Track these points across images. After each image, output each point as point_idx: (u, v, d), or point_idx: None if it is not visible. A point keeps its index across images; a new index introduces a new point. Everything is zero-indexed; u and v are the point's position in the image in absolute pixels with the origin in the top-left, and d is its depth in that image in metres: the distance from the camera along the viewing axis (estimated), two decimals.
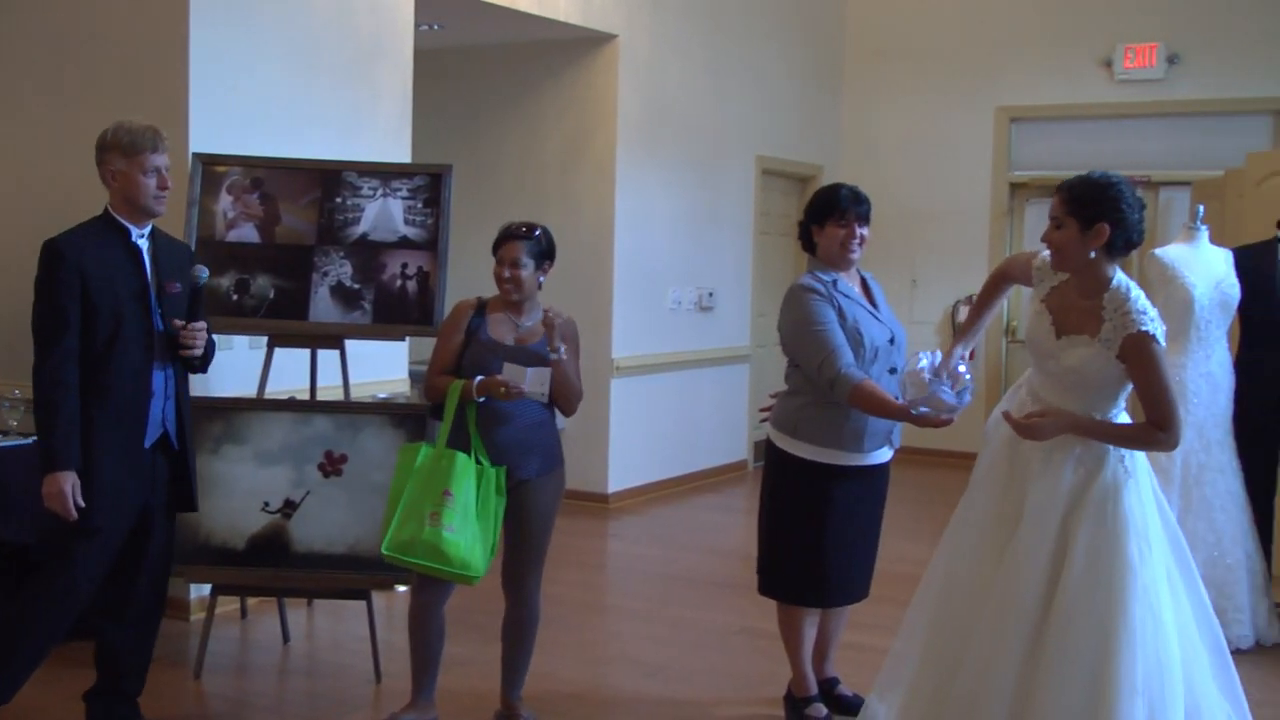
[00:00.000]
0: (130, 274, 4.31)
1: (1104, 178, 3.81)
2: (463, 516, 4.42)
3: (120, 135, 4.28)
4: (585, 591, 6.90)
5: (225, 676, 5.39)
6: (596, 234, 8.91)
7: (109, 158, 4.29)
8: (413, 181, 5.73)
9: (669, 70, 9.39)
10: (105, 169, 4.31)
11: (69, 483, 4.14)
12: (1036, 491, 3.86)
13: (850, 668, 5.24)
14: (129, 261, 4.33)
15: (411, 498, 4.46)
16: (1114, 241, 3.76)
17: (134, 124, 4.32)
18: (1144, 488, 3.86)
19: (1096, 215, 3.75)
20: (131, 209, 4.32)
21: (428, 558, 4.40)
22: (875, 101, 11.78)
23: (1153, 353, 3.72)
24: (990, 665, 3.81)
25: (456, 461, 4.46)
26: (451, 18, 8.30)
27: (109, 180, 4.31)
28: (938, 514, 9.20)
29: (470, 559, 4.42)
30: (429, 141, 8.33)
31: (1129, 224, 3.76)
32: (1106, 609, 3.69)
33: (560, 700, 5.16)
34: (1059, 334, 3.86)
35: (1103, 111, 10.76)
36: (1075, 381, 3.83)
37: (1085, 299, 3.84)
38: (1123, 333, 3.73)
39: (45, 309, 4.22)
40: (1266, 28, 10.27)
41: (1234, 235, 7.31)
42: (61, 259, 4.20)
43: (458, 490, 4.43)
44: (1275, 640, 6.00)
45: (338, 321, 5.61)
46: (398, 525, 4.44)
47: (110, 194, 4.34)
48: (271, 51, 6.28)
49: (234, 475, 5.35)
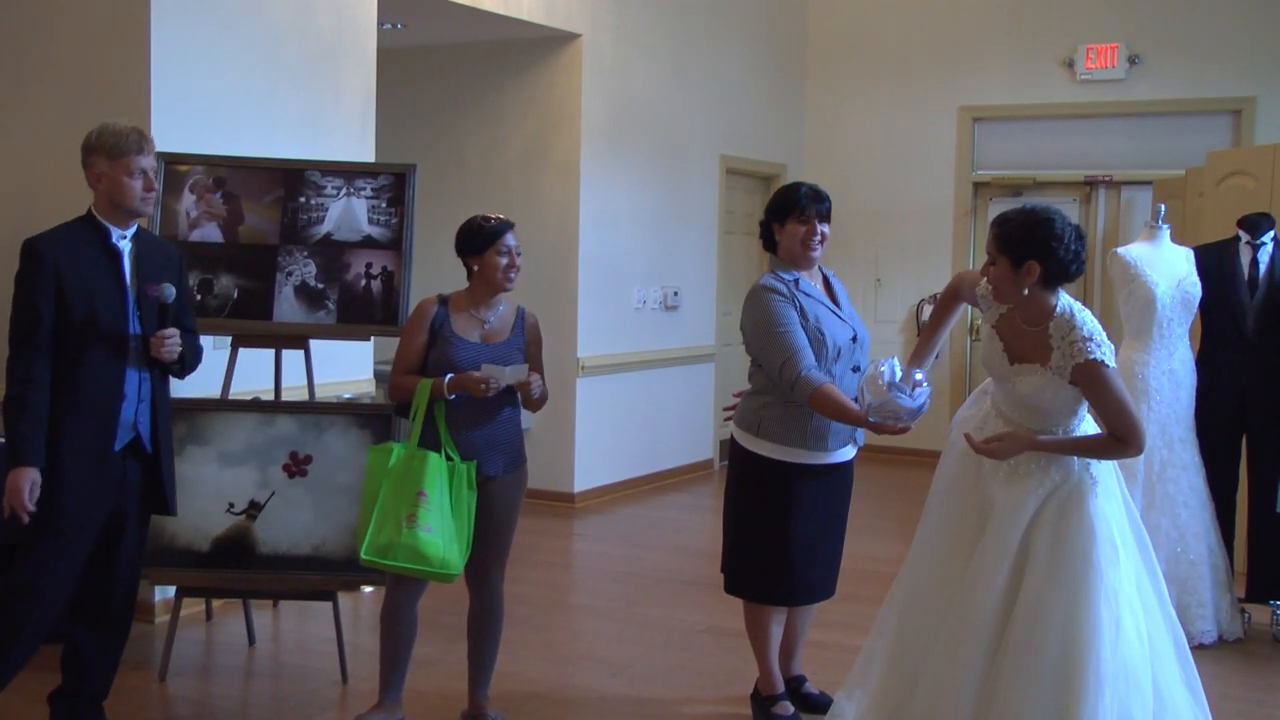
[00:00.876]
0: (107, 275, 4.29)
1: (1034, 214, 3.81)
2: (439, 516, 4.43)
3: (105, 138, 4.26)
4: (551, 591, 6.90)
5: (190, 679, 5.36)
6: (561, 233, 8.91)
7: (93, 160, 4.27)
8: (376, 181, 5.72)
9: (633, 70, 9.40)
10: (90, 171, 4.28)
11: (28, 480, 4.10)
12: (1002, 497, 3.89)
13: (816, 666, 5.27)
14: (107, 263, 4.30)
15: (386, 501, 4.46)
16: (1046, 276, 3.79)
17: (118, 126, 4.30)
18: (1111, 490, 3.89)
19: (1025, 254, 3.77)
20: (116, 211, 4.30)
21: (408, 560, 4.41)
22: (839, 101, 11.82)
23: (1105, 378, 3.75)
24: (950, 674, 3.83)
25: (429, 461, 4.46)
26: (414, 17, 8.28)
27: (94, 182, 4.29)
28: (900, 512, 9.27)
29: (449, 557, 4.44)
30: (392, 141, 8.31)
31: (1060, 260, 3.77)
32: (1071, 612, 3.71)
33: (527, 699, 5.15)
34: (1011, 360, 3.90)
35: (1064, 111, 10.83)
36: (1032, 405, 3.87)
37: (1032, 326, 3.88)
38: (1071, 362, 3.76)
39: (20, 307, 4.20)
40: (1226, 28, 10.36)
41: (1195, 234, 7.38)
42: (38, 258, 4.18)
43: (432, 490, 4.43)
44: (1238, 635, 6.06)
45: (302, 321, 5.59)
46: (375, 530, 4.44)
47: (95, 195, 4.32)
48: (233, 50, 6.25)
49: (198, 476, 5.32)
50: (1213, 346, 6.27)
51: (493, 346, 4.60)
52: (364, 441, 5.33)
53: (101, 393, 4.25)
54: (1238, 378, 6.14)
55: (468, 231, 4.61)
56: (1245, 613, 6.21)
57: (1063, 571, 3.74)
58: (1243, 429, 6.25)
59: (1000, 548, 3.83)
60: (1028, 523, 3.82)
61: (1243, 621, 6.16)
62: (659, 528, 8.58)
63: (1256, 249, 6.18)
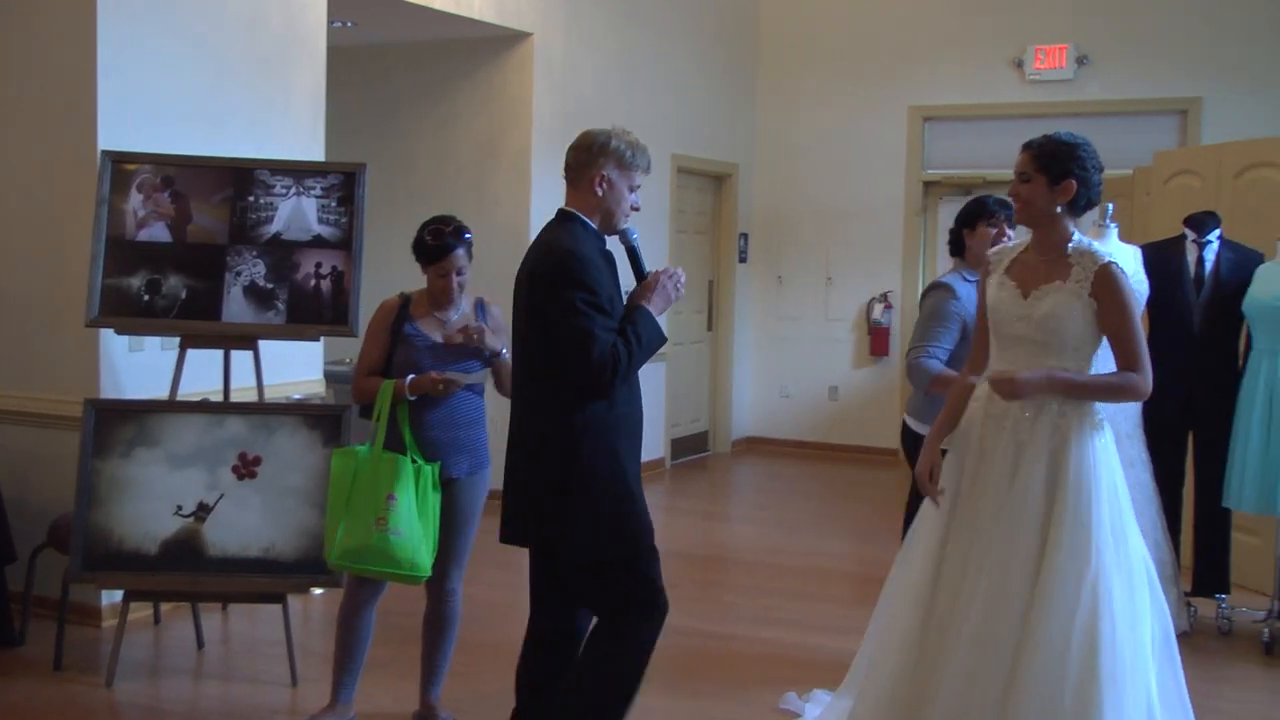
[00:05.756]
0: None
1: (1071, 138, 3.96)
2: (407, 519, 4.44)
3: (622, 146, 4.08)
4: (505, 591, 6.87)
5: (138, 684, 5.30)
6: (512, 233, 8.87)
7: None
8: (326, 180, 5.68)
9: (584, 69, 9.39)
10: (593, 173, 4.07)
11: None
12: (1012, 500, 3.90)
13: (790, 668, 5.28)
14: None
15: (355, 504, 4.45)
16: (1078, 198, 3.92)
17: (635, 138, 4.16)
18: (1115, 470, 3.96)
19: (1064, 172, 3.90)
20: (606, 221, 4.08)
21: (378, 563, 4.42)
22: (790, 101, 11.85)
23: (1123, 283, 3.87)
24: (980, 666, 3.83)
25: (397, 464, 4.46)
26: (364, 15, 8.23)
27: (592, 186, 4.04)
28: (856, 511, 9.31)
29: (418, 559, 4.45)
30: (342, 139, 8.25)
31: (1092, 183, 3.93)
32: (1089, 594, 3.78)
33: (478, 700, 5.13)
34: (1026, 294, 3.95)
35: (1014, 111, 10.90)
36: (1051, 330, 3.89)
37: (1048, 255, 3.96)
38: (1093, 268, 3.87)
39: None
40: (1173, 30, 10.47)
41: (1142, 232, 7.44)
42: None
43: (401, 493, 4.43)
44: (1184, 629, 6.11)
45: (251, 322, 5.55)
46: (344, 533, 4.43)
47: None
48: (181, 48, 6.18)
49: (146, 479, 5.27)
50: (1159, 344, 6.28)
51: (456, 344, 4.58)
52: (314, 442, 5.30)
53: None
54: (1184, 374, 6.19)
55: (416, 240, 4.59)
56: (1192, 606, 6.29)
57: (1078, 552, 3.80)
58: (1189, 425, 6.32)
59: (1020, 531, 3.86)
60: (1041, 513, 3.87)
61: (1189, 615, 6.23)
62: None
63: (1202, 247, 6.24)
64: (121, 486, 5.26)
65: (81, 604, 5.83)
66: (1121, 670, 3.74)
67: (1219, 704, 5.29)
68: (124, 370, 5.93)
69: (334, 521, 4.47)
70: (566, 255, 3.85)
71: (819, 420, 11.85)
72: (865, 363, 11.67)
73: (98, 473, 5.29)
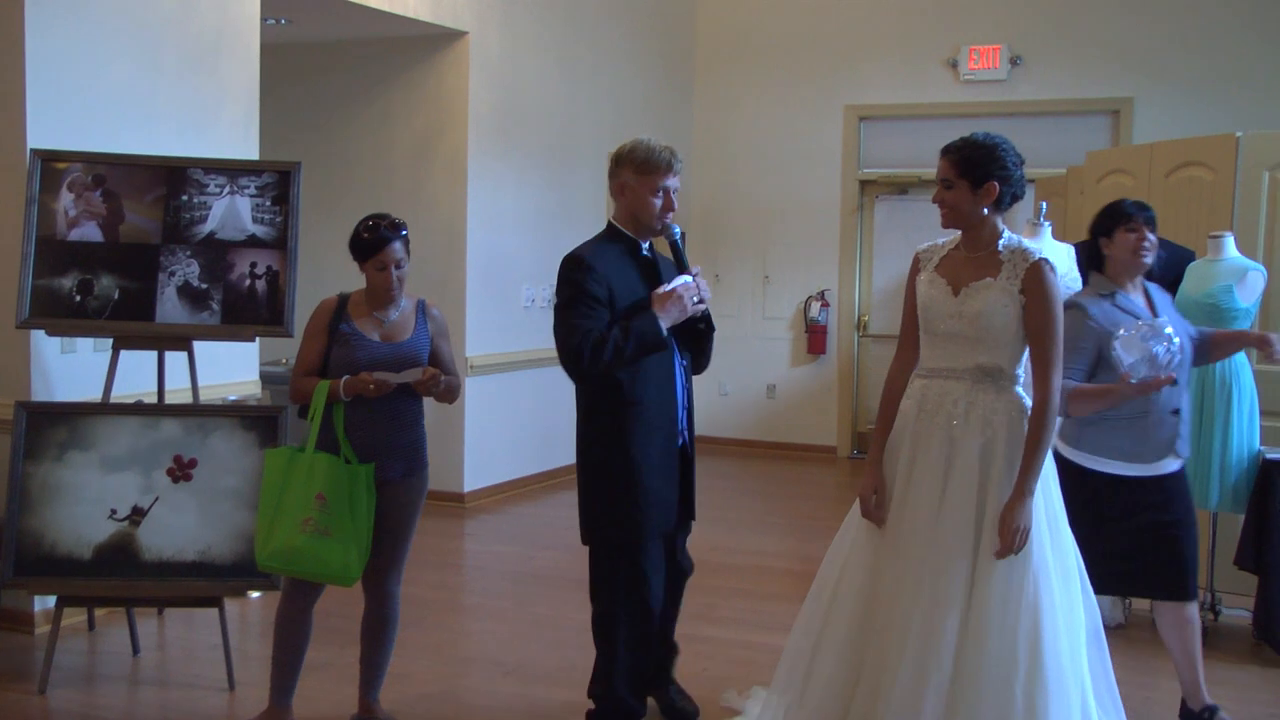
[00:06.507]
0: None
1: (988, 139, 3.99)
2: (338, 519, 4.39)
3: (638, 152, 4.49)
4: (442, 592, 6.85)
5: (72, 691, 5.23)
6: (449, 232, 8.85)
7: (621, 171, 4.53)
8: (261, 179, 5.64)
9: (521, 68, 9.36)
10: (615, 182, 4.56)
11: None
12: (946, 498, 3.93)
13: (730, 666, 5.28)
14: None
15: (284, 505, 4.40)
16: (1002, 197, 3.96)
17: (654, 143, 4.52)
18: (1048, 464, 3.98)
19: (986, 175, 3.94)
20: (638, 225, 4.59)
21: (307, 565, 4.37)
22: (727, 99, 11.89)
23: (1051, 282, 3.91)
24: (922, 667, 3.84)
25: (327, 464, 4.41)
26: (299, 12, 8.16)
27: (617, 193, 4.56)
28: (789, 507, 9.34)
29: (348, 561, 4.41)
30: (277, 138, 8.19)
31: (1014, 179, 3.98)
32: (1028, 597, 3.82)
33: (418, 701, 5.11)
34: (956, 291, 3.99)
35: (949, 111, 10.99)
36: (982, 327, 3.92)
37: (978, 252, 4.01)
38: (1024, 265, 3.91)
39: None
40: (1105, 32, 10.60)
41: (1076, 231, 7.51)
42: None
43: (330, 493, 4.39)
44: (1119, 622, 6.20)
45: (185, 322, 5.49)
46: (273, 535, 4.38)
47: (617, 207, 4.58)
48: (112, 43, 6.10)
49: (79, 482, 5.20)
50: None
51: (394, 345, 4.55)
52: (250, 444, 5.25)
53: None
54: None
55: (354, 236, 4.54)
56: (1126, 600, 6.36)
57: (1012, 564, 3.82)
58: None
59: (955, 530, 3.88)
60: (979, 508, 3.90)
61: (1124, 608, 6.31)
62: (550, 526, 8.56)
63: None
64: (54, 490, 5.18)
65: (13, 610, 5.76)
66: (1061, 664, 3.78)
67: (1152, 694, 5.36)
68: (55, 372, 5.85)
69: (263, 523, 4.42)
70: (566, 258, 4.48)
71: (757, 418, 11.89)
72: (803, 361, 11.72)
73: (29, 476, 5.21)
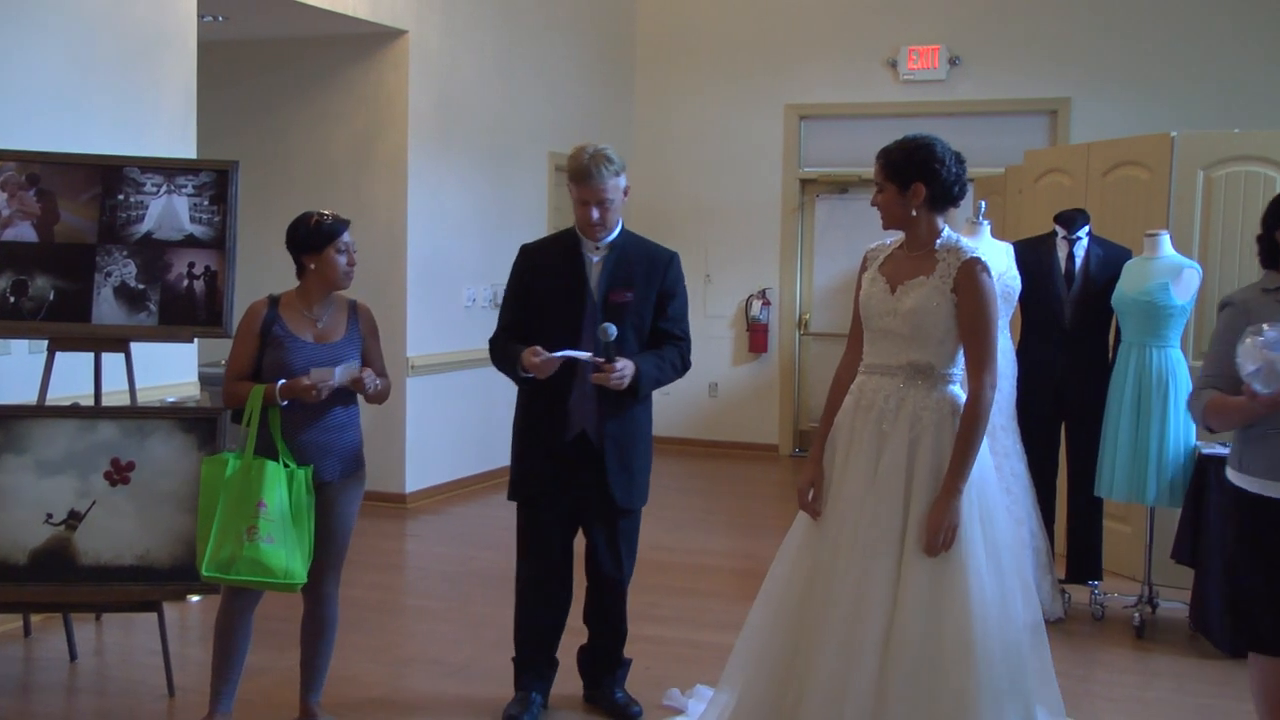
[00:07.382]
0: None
1: (915, 141, 4.00)
2: (280, 525, 4.35)
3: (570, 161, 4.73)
4: (384, 593, 6.81)
5: (8, 699, 5.16)
6: (389, 232, 8.80)
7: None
8: (198, 178, 5.58)
9: (460, 67, 9.32)
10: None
11: None
12: (874, 492, 3.94)
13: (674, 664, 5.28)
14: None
15: (225, 513, 4.35)
16: (933, 197, 3.96)
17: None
18: (982, 456, 3.99)
19: (911, 177, 3.95)
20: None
21: (250, 573, 4.32)
22: (667, 98, 11.90)
23: (983, 280, 3.92)
24: (845, 668, 3.85)
25: (266, 470, 4.37)
26: (236, 9, 8.08)
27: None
28: (734, 505, 9.36)
29: (292, 566, 4.37)
30: (215, 137, 8.11)
31: (944, 181, 3.96)
32: (956, 591, 3.84)
33: (361, 703, 5.08)
34: (894, 289, 4.01)
35: (888, 110, 11.06)
36: (915, 325, 3.95)
37: (917, 251, 4.02)
38: (957, 264, 3.92)
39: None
40: (1042, 33, 10.71)
41: (1014, 229, 7.61)
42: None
43: (271, 499, 4.34)
44: (1059, 615, 6.27)
45: (122, 323, 5.43)
46: (215, 545, 4.33)
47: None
48: (44, 40, 6.01)
49: (14, 486, 5.12)
50: (1031, 338, 6.46)
51: (328, 346, 4.53)
52: (189, 446, 5.20)
53: None
54: (1055, 367, 6.34)
55: (304, 228, 4.51)
56: (1065, 593, 6.44)
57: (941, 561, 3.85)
58: (1061, 417, 6.47)
59: (882, 524, 3.90)
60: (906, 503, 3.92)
61: (1063, 601, 6.38)
62: (492, 526, 8.52)
63: (1072, 244, 6.39)
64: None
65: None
66: (993, 661, 3.80)
67: (1092, 687, 5.42)
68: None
69: (204, 533, 4.37)
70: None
71: (699, 417, 11.90)
72: (745, 359, 11.75)
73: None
